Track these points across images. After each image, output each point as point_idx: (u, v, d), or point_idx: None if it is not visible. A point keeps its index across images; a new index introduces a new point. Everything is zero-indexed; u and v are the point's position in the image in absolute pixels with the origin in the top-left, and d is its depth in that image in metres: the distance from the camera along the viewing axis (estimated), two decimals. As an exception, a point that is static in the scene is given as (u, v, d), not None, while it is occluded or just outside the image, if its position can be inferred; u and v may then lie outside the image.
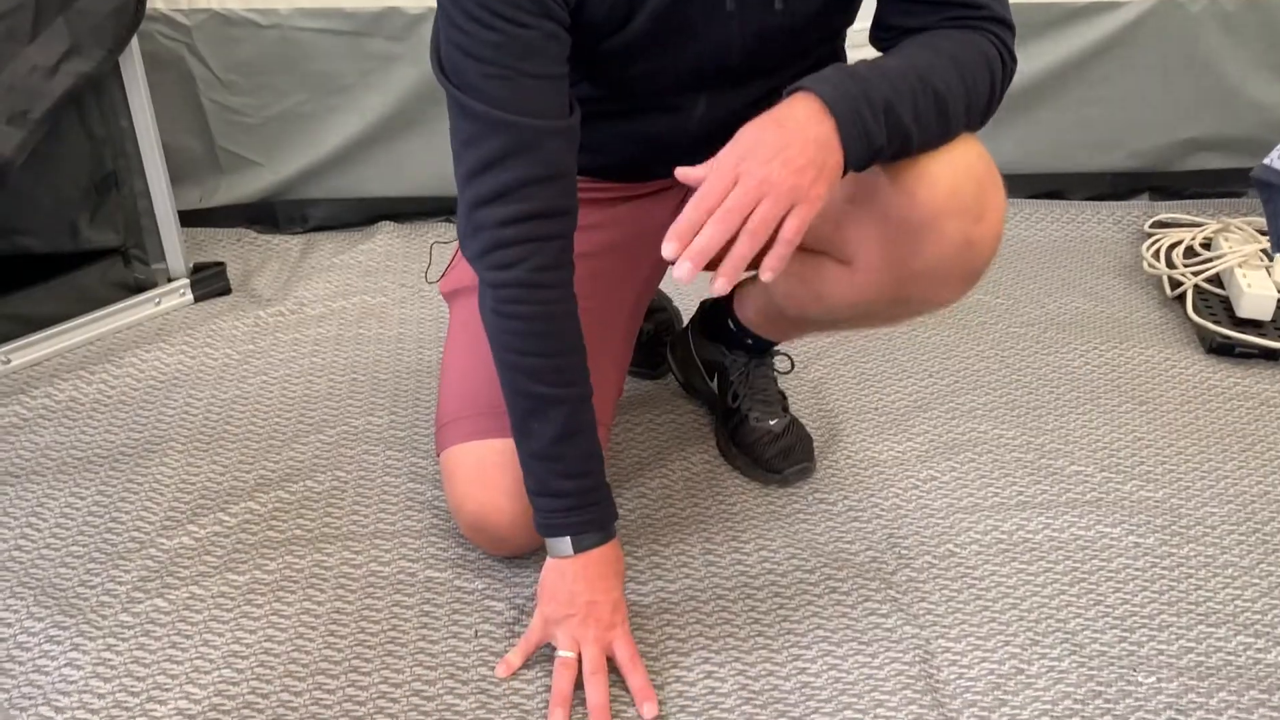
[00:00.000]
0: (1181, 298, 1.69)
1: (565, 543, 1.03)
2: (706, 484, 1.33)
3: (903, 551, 1.22)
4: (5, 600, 1.13)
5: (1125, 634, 1.11)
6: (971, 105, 0.99)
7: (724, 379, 1.38)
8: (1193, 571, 1.20)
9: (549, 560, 1.05)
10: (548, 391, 1.00)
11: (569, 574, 1.03)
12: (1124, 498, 1.30)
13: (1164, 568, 1.20)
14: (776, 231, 0.88)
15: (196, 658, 1.06)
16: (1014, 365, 1.56)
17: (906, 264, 1.04)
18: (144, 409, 1.44)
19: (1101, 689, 1.05)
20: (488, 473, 1.13)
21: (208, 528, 1.23)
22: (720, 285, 0.87)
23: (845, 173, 0.92)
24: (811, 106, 0.90)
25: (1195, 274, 1.69)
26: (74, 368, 1.51)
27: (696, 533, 1.25)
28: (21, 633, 1.09)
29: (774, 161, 0.87)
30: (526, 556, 1.19)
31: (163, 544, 1.20)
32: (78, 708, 1.01)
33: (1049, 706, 1.03)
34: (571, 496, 1.03)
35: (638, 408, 1.46)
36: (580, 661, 1.02)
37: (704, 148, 1.17)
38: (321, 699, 1.03)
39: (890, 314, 1.15)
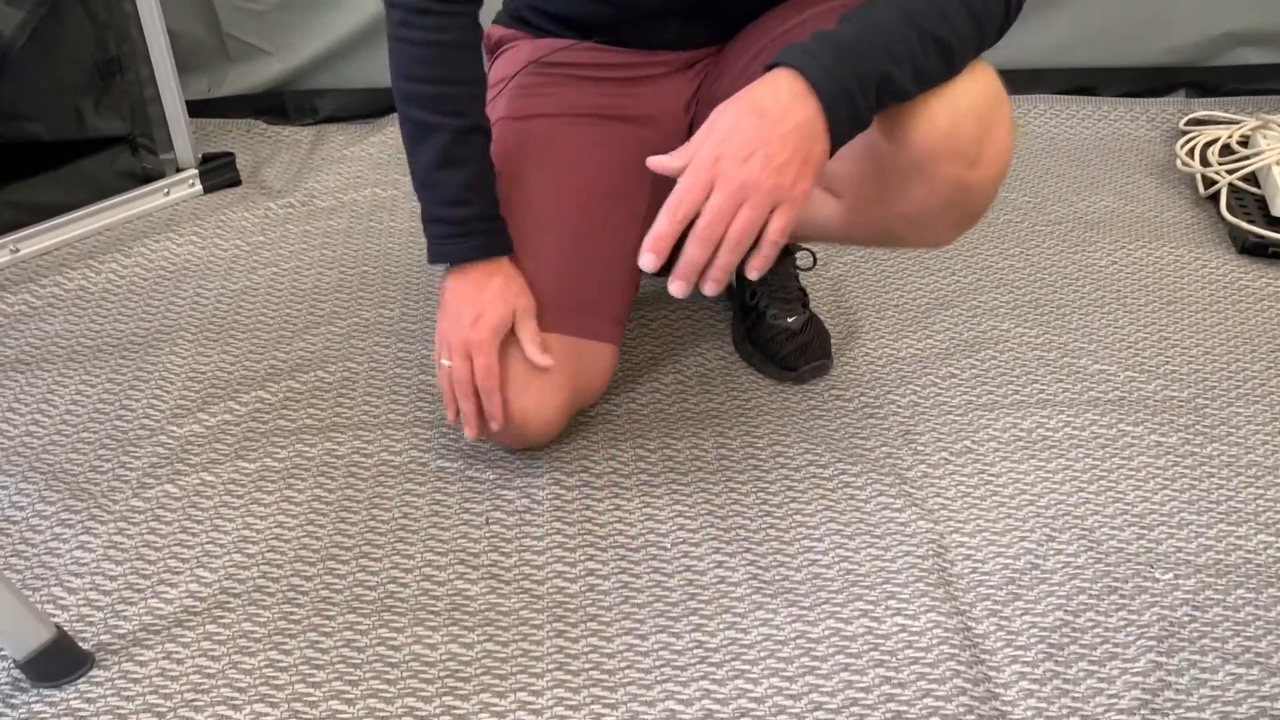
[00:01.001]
0: (1215, 197, 1.64)
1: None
2: (721, 380, 1.31)
3: (919, 448, 1.20)
4: (17, 485, 1.13)
5: (1143, 531, 1.10)
6: (984, 37, 0.91)
7: (743, 275, 1.35)
8: (1215, 471, 1.17)
9: None
10: (429, 118, 1.01)
11: (450, 287, 1.07)
12: (1148, 397, 1.28)
13: (1186, 466, 1.18)
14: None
15: (207, 542, 1.06)
16: (1039, 264, 1.52)
17: (893, 206, 1.00)
18: (154, 298, 1.43)
19: (1117, 585, 1.04)
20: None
21: (218, 416, 1.22)
22: (709, 288, 0.85)
23: (831, 155, 0.87)
24: (795, 88, 0.84)
25: (1230, 172, 1.64)
26: (83, 257, 1.49)
27: (710, 427, 1.23)
28: (33, 516, 1.09)
29: (753, 160, 0.82)
30: (539, 449, 1.18)
31: (173, 431, 1.20)
32: (90, 589, 1.01)
33: (1063, 601, 1.02)
34: (453, 224, 1.04)
35: (652, 304, 1.44)
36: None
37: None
38: (332, 584, 1.03)
39: (885, 244, 1.12)
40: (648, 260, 0.85)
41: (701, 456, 1.19)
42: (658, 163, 0.87)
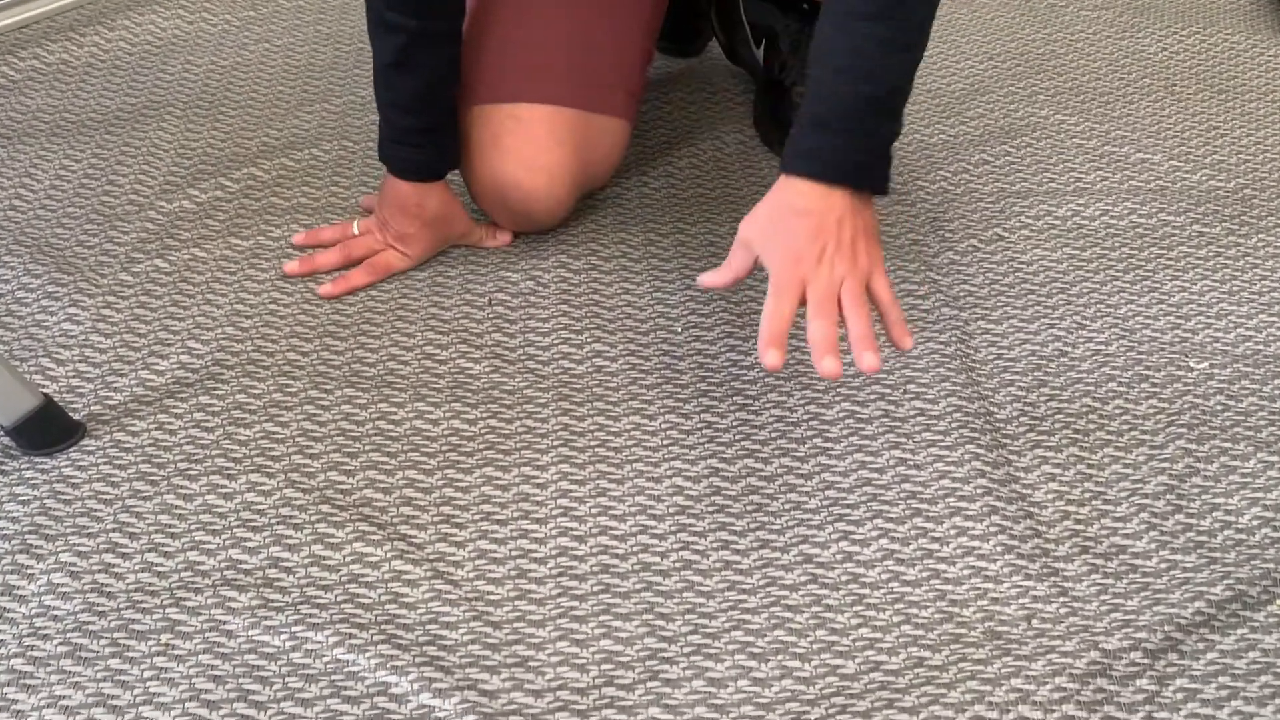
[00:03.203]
0: (1278, -19, 1.52)
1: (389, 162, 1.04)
2: (738, 163, 1.24)
3: (946, 235, 1.14)
4: (1, 258, 1.08)
5: (1179, 321, 1.04)
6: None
7: (772, 47, 1.25)
8: (1259, 262, 1.11)
9: None
10: (390, 17, 0.96)
11: (386, 185, 1.05)
12: (1192, 187, 1.20)
13: (1228, 257, 1.12)
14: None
15: (199, 315, 1.02)
16: (1083, 50, 1.42)
17: None
18: (139, 74, 1.35)
19: (1149, 373, 0.99)
20: (503, 140, 1.05)
21: (209, 193, 1.16)
22: (869, 361, 0.78)
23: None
24: (816, 190, 0.83)
25: (1297, -47, 1.51)
26: (63, 30, 1.41)
27: (725, 212, 1.17)
28: (19, 289, 1.05)
29: (826, 255, 0.82)
30: (545, 233, 1.12)
31: (162, 207, 1.14)
32: (79, 360, 0.98)
33: (1091, 389, 0.98)
34: (397, 128, 1.01)
35: (667, 85, 1.35)
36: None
37: None
38: (329, 359, 0.99)
39: None
40: (773, 357, 0.79)
41: (717, 243, 1.13)
42: (708, 280, 0.86)
